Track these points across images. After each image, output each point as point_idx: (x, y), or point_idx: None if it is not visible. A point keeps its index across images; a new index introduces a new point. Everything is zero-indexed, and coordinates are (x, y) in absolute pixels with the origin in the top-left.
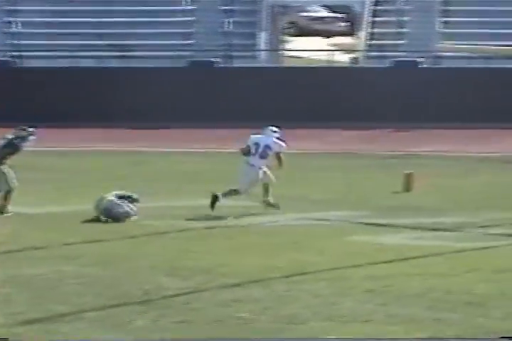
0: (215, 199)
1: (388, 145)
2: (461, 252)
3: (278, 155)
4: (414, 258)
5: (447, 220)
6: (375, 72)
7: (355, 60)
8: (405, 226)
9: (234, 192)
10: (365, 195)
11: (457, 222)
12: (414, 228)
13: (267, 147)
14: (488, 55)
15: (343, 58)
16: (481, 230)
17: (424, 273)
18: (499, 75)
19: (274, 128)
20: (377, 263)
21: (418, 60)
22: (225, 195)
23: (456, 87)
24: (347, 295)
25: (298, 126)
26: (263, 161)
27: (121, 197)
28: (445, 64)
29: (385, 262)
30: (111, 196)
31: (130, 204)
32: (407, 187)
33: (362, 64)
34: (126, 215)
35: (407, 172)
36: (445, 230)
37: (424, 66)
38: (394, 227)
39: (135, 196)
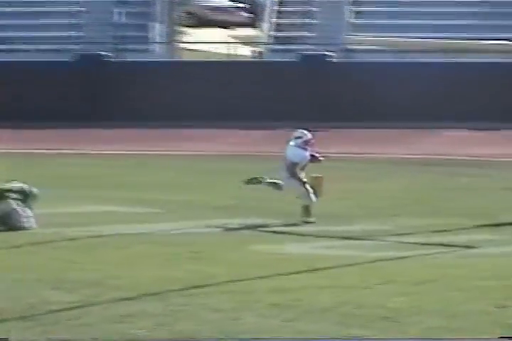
0: (255, 181)
1: None
2: (374, 262)
3: (291, 169)
4: (323, 269)
5: (359, 228)
6: (281, 67)
7: (258, 53)
8: (313, 235)
9: (275, 186)
10: (270, 200)
11: (370, 230)
12: (323, 236)
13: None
14: (404, 49)
15: (245, 51)
16: (395, 238)
17: (334, 285)
18: (415, 70)
19: (298, 133)
20: (283, 275)
21: (327, 53)
22: (269, 184)
23: (369, 83)
24: (250, 310)
25: (196, 126)
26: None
27: (19, 198)
28: (357, 58)
29: (292, 273)
30: (10, 198)
31: (29, 212)
32: (316, 192)
33: (266, 58)
34: (23, 228)
35: (315, 175)
36: (357, 239)
37: (334, 60)
38: (301, 236)
39: (35, 191)
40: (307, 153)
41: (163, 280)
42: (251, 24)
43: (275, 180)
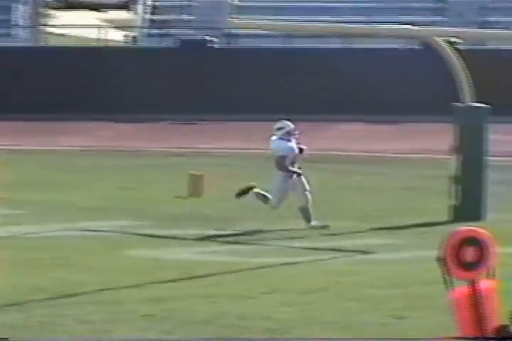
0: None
1: (172, 141)
2: (258, 269)
3: (279, 164)
4: (202, 276)
5: (243, 231)
6: (157, 53)
7: (132, 38)
8: (192, 239)
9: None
10: (144, 201)
11: (256, 234)
12: (203, 240)
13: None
14: (294, 33)
15: (118, 36)
16: (283, 243)
17: (214, 294)
18: (306, 57)
19: (278, 124)
20: (159, 283)
21: (209, 38)
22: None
23: (252, 71)
24: (121, 322)
25: (60, 119)
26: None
27: None
28: (242, 43)
29: (168, 281)
30: None
31: None
32: (195, 192)
33: (141, 43)
34: None
35: (195, 173)
36: (239, 243)
37: (216, 46)
38: (178, 240)
39: None
40: (292, 145)
41: (26, 289)
42: (124, 6)
43: (265, 193)
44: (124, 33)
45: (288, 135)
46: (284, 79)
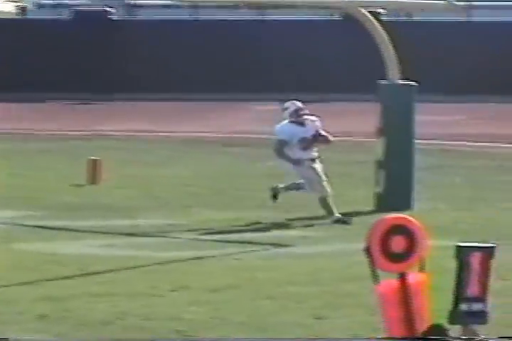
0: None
1: (67, 123)
2: (164, 264)
3: (276, 147)
4: (101, 272)
5: (145, 222)
6: (49, 26)
7: (21, 9)
8: (90, 231)
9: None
10: (37, 189)
11: (159, 225)
12: (102, 233)
13: None
14: (201, 4)
15: (7, 7)
16: (188, 235)
17: (115, 292)
18: (215, 30)
19: (285, 104)
20: (52, 280)
21: (107, 9)
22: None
23: (158, 46)
24: (13, 323)
25: None
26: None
27: None
28: (143, 15)
29: (64, 278)
30: None
31: None
32: (93, 179)
33: (31, 15)
34: None
35: (93, 158)
36: (143, 235)
37: (115, 18)
38: (74, 232)
39: None
40: (297, 129)
41: None
42: None
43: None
44: (14, 3)
45: (296, 116)
46: (190, 55)
